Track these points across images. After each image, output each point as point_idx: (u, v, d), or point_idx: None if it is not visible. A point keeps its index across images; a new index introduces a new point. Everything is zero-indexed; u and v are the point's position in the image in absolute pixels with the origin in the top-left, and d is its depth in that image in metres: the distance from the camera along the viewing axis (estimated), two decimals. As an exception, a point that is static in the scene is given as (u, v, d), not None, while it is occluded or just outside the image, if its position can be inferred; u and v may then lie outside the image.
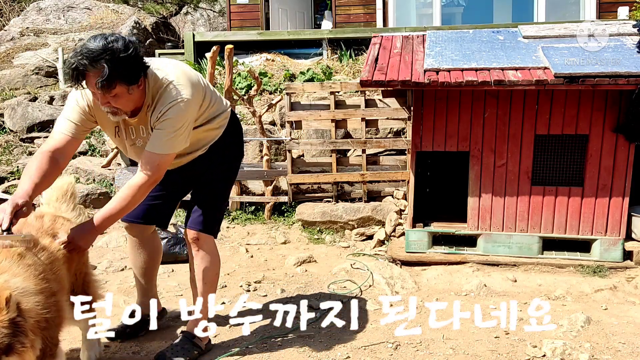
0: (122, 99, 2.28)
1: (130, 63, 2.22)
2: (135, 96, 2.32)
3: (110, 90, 2.20)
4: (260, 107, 6.29)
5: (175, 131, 2.41)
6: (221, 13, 11.61)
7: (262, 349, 2.91)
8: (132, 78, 2.25)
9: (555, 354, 2.74)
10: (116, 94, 2.24)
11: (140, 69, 2.29)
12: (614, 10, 7.99)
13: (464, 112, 4.02)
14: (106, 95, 2.23)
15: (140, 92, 2.34)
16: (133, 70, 2.24)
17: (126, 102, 2.31)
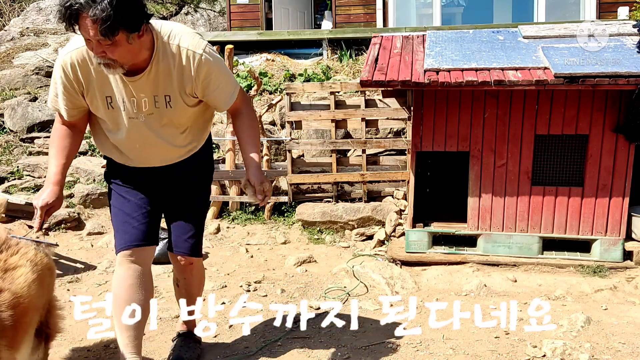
0: (120, 49, 2.00)
1: (132, 6, 1.96)
2: (134, 47, 2.05)
3: (111, 38, 1.94)
4: (260, 107, 6.29)
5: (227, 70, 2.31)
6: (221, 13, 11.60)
7: (262, 349, 2.90)
8: (133, 24, 1.97)
9: (555, 354, 2.74)
10: (113, 42, 1.96)
11: (143, 16, 2.02)
12: (614, 10, 7.98)
13: (464, 112, 4.01)
14: (102, 43, 1.96)
15: (140, 43, 2.07)
16: (135, 15, 1.98)
17: (124, 53, 2.02)
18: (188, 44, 2.19)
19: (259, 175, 2.31)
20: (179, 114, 2.30)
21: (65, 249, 4.78)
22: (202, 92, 2.26)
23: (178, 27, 2.22)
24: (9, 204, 4.58)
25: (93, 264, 4.42)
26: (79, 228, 5.23)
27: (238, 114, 2.41)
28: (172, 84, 2.21)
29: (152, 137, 2.32)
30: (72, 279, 4.09)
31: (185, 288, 2.67)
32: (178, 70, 2.20)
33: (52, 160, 2.33)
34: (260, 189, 2.30)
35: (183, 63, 2.19)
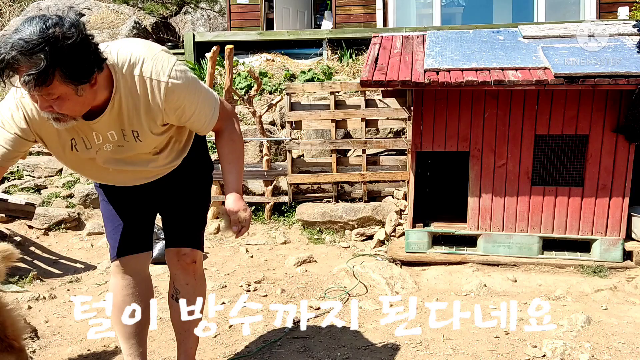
0: (69, 102, 1.70)
1: (77, 55, 1.63)
2: (86, 98, 1.74)
3: (50, 91, 1.64)
4: (260, 107, 6.29)
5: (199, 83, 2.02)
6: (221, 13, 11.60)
7: (262, 349, 2.90)
8: (80, 75, 1.66)
9: (555, 354, 2.74)
10: (59, 96, 1.67)
11: (91, 62, 1.69)
12: (614, 10, 7.98)
13: (464, 112, 4.02)
14: (46, 98, 1.66)
15: (93, 92, 1.76)
16: (82, 64, 1.65)
17: (74, 106, 1.73)
18: (150, 71, 1.87)
19: (236, 203, 2.04)
20: (151, 143, 2.05)
21: (65, 249, 4.78)
22: (177, 120, 2.00)
23: (137, 51, 1.89)
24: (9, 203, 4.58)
25: (93, 264, 4.42)
26: (79, 228, 5.23)
27: (219, 134, 2.15)
28: (139, 120, 1.94)
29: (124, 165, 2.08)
30: (72, 279, 4.09)
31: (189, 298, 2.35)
32: (144, 103, 1.91)
33: None
34: (235, 219, 2.02)
35: (148, 95, 1.90)
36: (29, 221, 4.96)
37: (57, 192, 5.70)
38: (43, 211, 5.15)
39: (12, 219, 4.97)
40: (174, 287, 2.36)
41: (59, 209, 5.33)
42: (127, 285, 2.28)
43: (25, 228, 5.03)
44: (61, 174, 6.03)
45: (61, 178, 5.95)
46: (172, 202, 2.31)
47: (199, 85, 2.01)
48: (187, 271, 2.32)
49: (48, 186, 5.85)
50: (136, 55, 1.88)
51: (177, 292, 2.35)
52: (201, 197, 2.37)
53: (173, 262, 2.32)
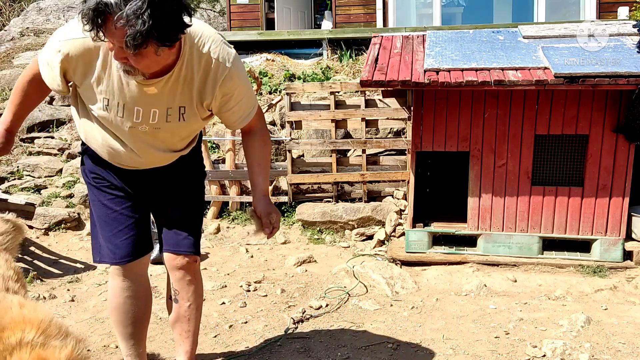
0: (147, 60, 1.70)
1: (172, 19, 1.63)
2: (162, 58, 1.75)
3: (140, 50, 1.63)
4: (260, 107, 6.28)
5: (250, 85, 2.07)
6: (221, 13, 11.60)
7: (262, 349, 2.90)
8: (169, 38, 1.66)
9: (555, 354, 2.74)
10: (141, 52, 1.65)
11: (181, 28, 1.69)
12: (614, 10, 7.98)
13: (464, 112, 4.02)
14: (124, 51, 1.65)
15: (169, 53, 1.77)
16: (174, 29, 1.66)
17: (150, 64, 1.74)
18: (218, 53, 1.92)
19: (266, 206, 2.08)
20: (190, 126, 2.08)
21: (65, 249, 4.78)
22: (219, 107, 2.03)
23: (207, 30, 1.94)
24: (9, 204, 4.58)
25: (93, 264, 4.42)
26: (79, 228, 5.23)
27: (251, 133, 2.17)
28: (190, 94, 1.96)
29: (150, 147, 2.09)
30: (72, 279, 4.09)
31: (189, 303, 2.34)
32: (201, 80, 1.94)
33: (10, 106, 2.10)
34: (267, 221, 2.06)
35: (209, 73, 1.93)
36: (29, 221, 4.96)
37: (57, 192, 5.70)
38: (43, 211, 5.15)
39: (12, 219, 4.97)
40: (173, 289, 2.35)
41: (59, 209, 5.33)
42: (127, 288, 2.26)
43: (25, 228, 5.03)
44: (61, 174, 6.03)
45: (61, 178, 5.95)
46: (169, 206, 2.30)
47: (248, 81, 2.07)
48: (186, 273, 2.31)
49: (48, 186, 5.85)
50: (207, 34, 1.92)
51: (176, 292, 2.34)
52: (198, 201, 2.37)
53: (171, 265, 2.31)
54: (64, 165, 6.06)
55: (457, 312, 3.34)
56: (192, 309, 2.34)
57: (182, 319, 2.36)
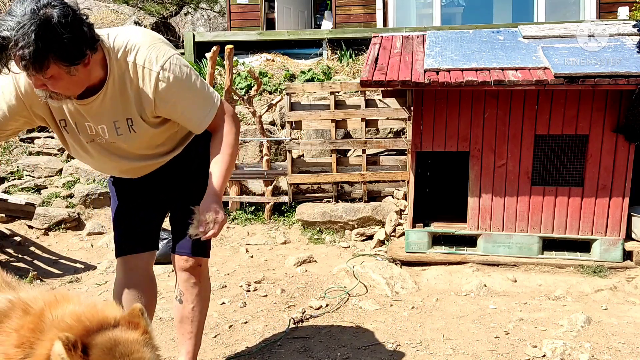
0: (62, 82, 1.71)
1: (70, 35, 1.62)
2: (79, 78, 1.75)
3: (43, 71, 1.64)
4: (260, 107, 6.29)
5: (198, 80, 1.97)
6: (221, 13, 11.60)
7: (262, 349, 2.90)
8: (71, 55, 1.65)
9: (555, 354, 2.74)
10: (52, 76, 1.67)
11: (84, 43, 1.68)
12: (614, 10, 7.98)
13: (464, 112, 4.01)
14: (40, 77, 1.67)
15: (86, 72, 1.76)
16: (73, 44, 1.64)
17: (67, 85, 1.74)
18: (143, 60, 1.86)
19: (209, 203, 1.96)
20: (145, 136, 2.01)
21: (65, 249, 4.78)
22: (167, 114, 1.98)
23: (134, 38, 1.89)
24: (9, 204, 4.58)
25: (93, 264, 4.42)
26: (79, 228, 5.23)
27: (215, 132, 2.09)
28: (131, 106, 1.92)
29: (117, 160, 2.07)
30: (72, 279, 4.09)
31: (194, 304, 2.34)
32: (135, 92, 1.90)
33: None
34: (203, 219, 1.93)
35: (139, 83, 1.88)
36: (29, 221, 4.97)
37: (57, 192, 5.70)
38: (43, 211, 5.15)
39: (12, 219, 4.98)
40: (179, 289, 2.35)
41: (59, 209, 5.33)
42: (130, 283, 2.27)
43: (25, 228, 5.03)
44: (61, 174, 6.04)
45: (61, 178, 5.95)
46: (181, 207, 2.28)
47: (195, 82, 1.97)
48: (191, 275, 2.31)
49: (48, 186, 5.85)
50: (132, 42, 1.87)
51: (181, 293, 2.34)
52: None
53: (178, 266, 2.32)
54: (64, 165, 6.06)
55: (457, 312, 3.34)
56: (195, 311, 2.34)
57: (186, 320, 2.36)
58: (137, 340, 1.42)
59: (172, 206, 2.34)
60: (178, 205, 2.31)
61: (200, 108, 1.99)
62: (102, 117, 1.92)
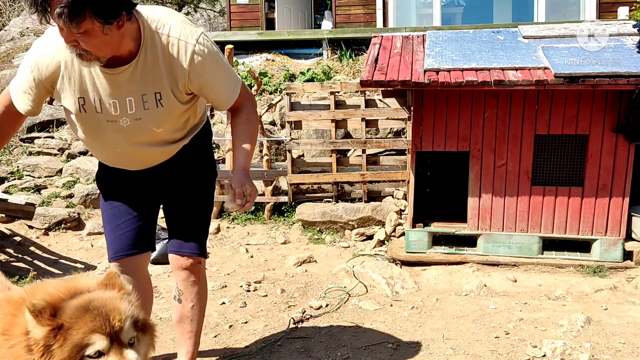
0: (94, 40, 1.71)
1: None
2: (112, 39, 1.75)
3: (78, 24, 1.64)
4: (260, 107, 6.29)
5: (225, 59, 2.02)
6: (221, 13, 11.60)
7: (262, 349, 2.90)
8: (108, 12, 1.67)
9: (555, 354, 2.74)
10: (86, 31, 1.67)
11: (121, 3, 1.72)
12: (614, 10, 7.98)
13: (464, 112, 4.01)
14: (72, 31, 1.66)
15: (119, 35, 1.77)
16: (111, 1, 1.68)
17: (99, 45, 1.74)
18: (179, 33, 1.91)
19: (241, 178, 2.02)
20: (171, 112, 2.03)
21: (65, 249, 4.78)
22: (199, 89, 2.01)
23: (168, 14, 1.95)
24: (9, 203, 4.58)
25: (93, 264, 4.42)
26: (79, 228, 5.23)
27: (237, 112, 2.14)
28: (162, 79, 1.94)
29: (135, 144, 2.07)
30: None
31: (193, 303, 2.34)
32: (168, 64, 1.93)
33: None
34: (240, 191, 1.98)
35: (174, 55, 1.92)
36: (29, 221, 4.96)
37: (57, 192, 5.70)
38: (43, 211, 5.15)
39: (12, 219, 4.97)
40: (177, 289, 2.35)
41: (59, 209, 5.33)
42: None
43: (25, 228, 5.03)
44: (61, 174, 6.03)
45: (61, 178, 5.95)
46: (177, 207, 2.30)
47: (223, 59, 2.04)
48: (190, 274, 2.31)
49: (48, 186, 5.85)
50: (166, 17, 1.93)
51: (180, 293, 2.34)
52: (206, 204, 2.35)
53: (175, 265, 2.32)
54: (64, 165, 6.06)
55: (457, 312, 3.34)
56: (195, 310, 2.35)
57: (185, 320, 2.36)
58: (113, 296, 1.49)
59: (169, 212, 2.33)
60: (173, 204, 2.30)
61: (229, 85, 2.05)
62: (130, 90, 1.93)
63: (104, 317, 1.40)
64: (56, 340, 1.35)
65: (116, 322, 1.41)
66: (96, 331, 1.37)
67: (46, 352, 1.35)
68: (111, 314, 1.41)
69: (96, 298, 1.45)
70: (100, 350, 1.38)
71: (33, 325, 1.36)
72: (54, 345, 1.35)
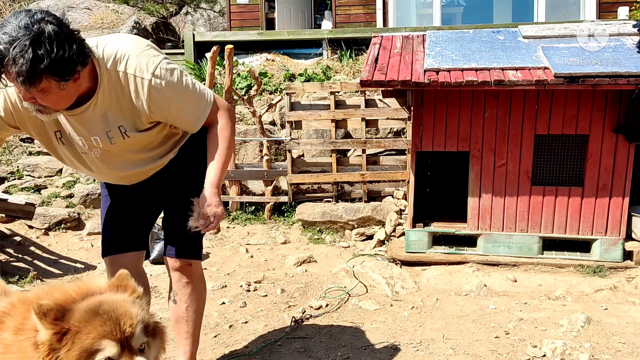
0: (51, 96, 1.72)
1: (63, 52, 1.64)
2: (69, 92, 1.76)
3: (35, 85, 1.66)
4: (260, 107, 6.29)
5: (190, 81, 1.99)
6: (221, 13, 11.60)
7: (262, 349, 2.90)
8: (63, 71, 1.67)
9: (555, 354, 2.74)
10: (42, 89, 1.68)
11: (76, 59, 1.69)
12: (614, 10, 7.98)
13: (464, 112, 4.01)
14: (29, 90, 1.69)
15: (75, 86, 1.78)
16: (66, 61, 1.66)
17: (56, 100, 1.75)
18: (134, 69, 1.87)
19: (209, 196, 2.00)
20: (139, 140, 2.02)
21: (65, 249, 4.78)
22: (164, 119, 1.99)
23: (123, 47, 1.89)
24: (9, 203, 4.58)
25: (93, 263, 4.42)
26: (79, 228, 5.23)
27: (211, 126, 2.10)
28: (123, 114, 1.94)
29: (113, 169, 2.08)
30: (72, 279, 4.09)
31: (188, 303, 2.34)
32: (127, 100, 1.91)
33: None
34: (205, 212, 1.96)
35: (132, 91, 1.89)
36: (29, 221, 4.96)
37: (57, 192, 5.70)
38: (43, 211, 5.15)
39: (12, 219, 4.97)
40: (173, 290, 2.37)
41: (59, 209, 5.33)
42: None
43: (25, 228, 5.03)
44: (61, 174, 6.04)
45: (61, 178, 5.95)
46: (173, 210, 2.30)
47: (188, 84, 1.98)
48: (182, 275, 2.32)
49: (48, 186, 5.85)
50: (122, 51, 1.87)
51: (175, 294, 2.36)
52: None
53: (170, 266, 2.32)
54: (64, 165, 6.06)
55: (457, 312, 3.34)
56: (189, 311, 2.35)
57: (181, 320, 2.38)
58: (124, 299, 1.46)
59: (165, 208, 2.34)
60: (170, 207, 2.31)
61: (195, 108, 2.01)
62: (94, 127, 1.93)
63: (114, 321, 1.37)
64: (63, 344, 1.33)
65: (127, 328, 1.38)
66: (106, 337, 1.35)
67: (51, 352, 1.34)
68: (122, 319, 1.38)
69: (106, 301, 1.42)
70: (111, 357, 1.35)
71: (39, 326, 1.35)
72: (62, 348, 1.33)
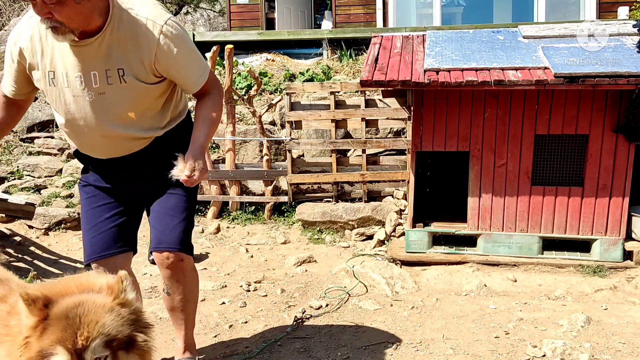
0: (67, 9, 1.78)
1: None
2: (84, 9, 1.83)
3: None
4: (260, 107, 6.29)
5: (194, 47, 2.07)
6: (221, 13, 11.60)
7: (262, 349, 2.90)
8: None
9: (555, 354, 2.74)
10: (59, 0, 1.75)
11: None
12: (614, 10, 7.98)
13: (464, 112, 4.01)
14: (47, 2, 1.75)
15: (91, 5, 1.84)
16: None
17: (72, 14, 1.80)
18: (148, 13, 1.96)
19: (196, 152, 2.02)
20: (134, 92, 2.03)
21: (65, 249, 4.78)
22: (166, 69, 2.04)
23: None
24: (9, 203, 4.58)
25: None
26: (79, 228, 5.22)
27: (204, 96, 2.16)
28: (126, 56, 1.98)
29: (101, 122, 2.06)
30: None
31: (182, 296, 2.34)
32: (134, 41, 1.96)
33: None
34: (191, 164, 1.97)
35: (141, 34, 1.96)
36: (29, 221, 4.97)
37: (57, 192, 5.70)
38: (43, 211, 5.15)
39: (12, 219, 4.97)
40: (165, 283, 2.36)
41: (59, 209, 5.33)
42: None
43: (25, 228, 5.03)
44: (61, 173, 6.04)
45: (61, 178, 5.95)
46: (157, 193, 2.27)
47: (191, 43, 2.07)
48: (172, 271, 2.28)
49: (48, 186, 5.85)
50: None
51: (168, 287, 2.35)
52: (188, 198, 2.31)
53: (159, 262, 2.28)
54: (64, 165, 6.06)
55: (457, 312, 3.34)
56: (183, 301, 2.37)
57: (176, 309, 2.41)
58: (103, 305, 1.41)
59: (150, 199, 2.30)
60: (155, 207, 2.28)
61: (197, 68, 2.09)
62: (94, 63, 1.98)
63: (75, 329, 1.32)
64: (34, 333, 1.33)
65: (82, 340, 1.32)
66: (61, 343, 1.31)
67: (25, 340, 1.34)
68: (82, 328, 1.33)
69: (86, 303, 1.38)
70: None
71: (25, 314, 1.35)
72: (32, 336, 1.33)
